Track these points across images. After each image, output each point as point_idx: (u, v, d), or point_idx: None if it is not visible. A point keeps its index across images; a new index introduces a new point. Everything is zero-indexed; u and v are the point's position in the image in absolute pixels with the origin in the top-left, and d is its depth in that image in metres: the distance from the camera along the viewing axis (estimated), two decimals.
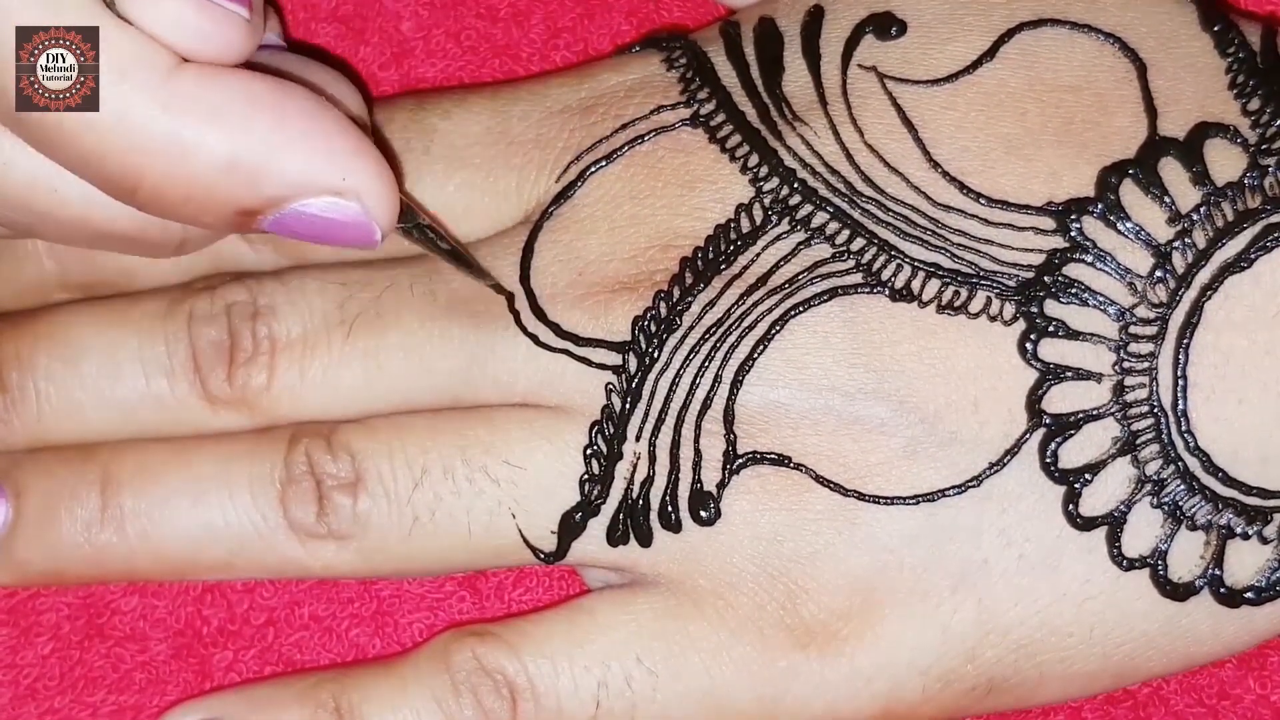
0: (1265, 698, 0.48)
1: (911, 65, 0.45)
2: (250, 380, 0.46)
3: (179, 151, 0.38)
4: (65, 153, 0.38)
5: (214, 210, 0.39)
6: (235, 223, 0.40)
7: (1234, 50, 0.44)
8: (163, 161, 0.38)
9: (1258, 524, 0.43)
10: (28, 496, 0.47)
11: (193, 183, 0.38)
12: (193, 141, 0.38)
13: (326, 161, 0.39)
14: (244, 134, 0.38)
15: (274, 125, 0.39)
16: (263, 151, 0.38)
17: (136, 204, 0.39)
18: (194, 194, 0.38)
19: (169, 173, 0.38)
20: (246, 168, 0.38)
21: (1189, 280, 0.43)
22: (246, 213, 0.39)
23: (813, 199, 0.44)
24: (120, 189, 0.39)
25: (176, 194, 0.39)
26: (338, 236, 0.40)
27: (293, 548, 0.46)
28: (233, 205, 0.39)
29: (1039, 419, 0.43)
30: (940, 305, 0.43)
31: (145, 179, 0.38)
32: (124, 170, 0.38)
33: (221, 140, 0.38)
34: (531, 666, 0.44)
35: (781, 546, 0.44)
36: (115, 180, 0.39)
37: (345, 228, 0.40)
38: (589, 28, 0.51)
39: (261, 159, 0.38)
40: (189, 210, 0.39)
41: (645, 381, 0.44)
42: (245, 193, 0.39)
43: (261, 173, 0.38)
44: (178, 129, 0.38)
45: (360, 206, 0.40)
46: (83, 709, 0.48)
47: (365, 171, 0.40)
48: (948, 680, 0.44)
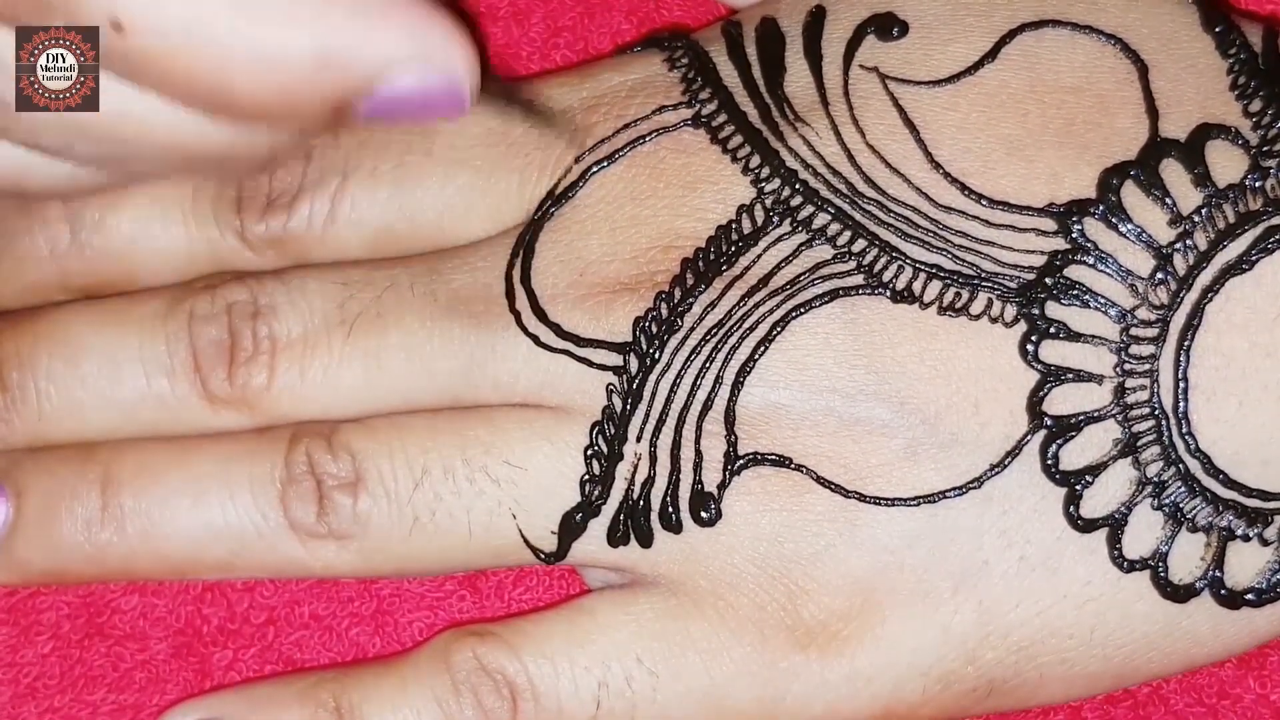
0: (1265, 697, 0.48)
1: (913, 66, 0.45)
2: (251, 380, 0.46)
3: (267, 57, 0.37)
4: (152, 80, 0.37)
5: (308, 109, 0.38)
6: (331, 118, 0.39)
7: (1235, 51, 0.44)
8: (254, 69, 0.37)
9: (1258, 526, 0.43)
10: (28, 496, 0.47)
11: (285, 85, 0.37)
12: (277, 44, 0.37)
13: (408, 33, 0.38)
14: (325, 25, 0.37)
15: (350, 10, 0.37)
16: (346, 38, 0.37)
17: (235, 117, 0.38)
18: (288, 95, 0.37)
19: (261, 80, 0.37)
20: (335, 58, 0.37)
21: (1190, 282, 0.43)
22: (340, 106, 0.38)
23: (814, 200, 0.44)
24: (215, 105, 0.38)
25: (271, 100, 0.37)
26: (433, 108, 0.39)
27: (293, 547, 0.46)
28: (328, 99, 0.38)
29: (1040, 420, 0.43)
30: (941, 307, 0.43)
31: (239, 89, 0.37)
32: (212, 87, 0.37)
33: (305, 36, 0.37)
34: (532, 666, 0.44)
35: (782, 547, 0.44)
36: (205, 99, 0.38)
37: (439, 96, 0.39)
38: (589, 27, 0.51)
39: (347, 45, 0.37)
40: (288, 114, 0.38)
41: (646, 382, 0.44)
42: (339, 83, 0.38)
43: (350, 59, 0.37)
44: (258, 33, 0.37)
45: (447, 72, 0.38)
46: (83, 708, 0.48)
47: (444, 35, 0.38)
48: (948, 681, 0.44)
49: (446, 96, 0.39)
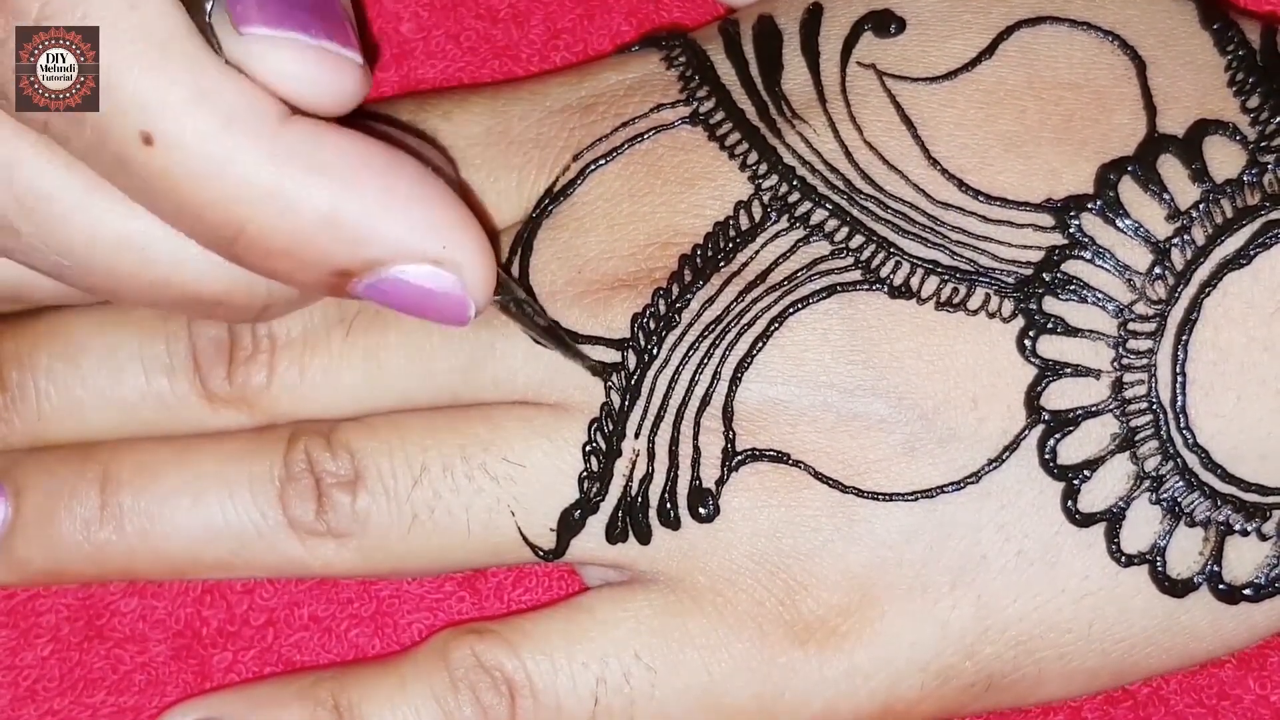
0: (1265, 698, 0.48)
1: (910, 63, 0.45)
2: (250, 379, 0.46)
3: (283, 203, 0.38)
4: (167, 201, 0.38)
5: (311, 266, 0.39)
6: (330, 283, 0.39)
7: (1233, 48, 0.45)
8: (266, 212, 0.38)
9: (1256, 520, 0.43)
10: (28, 495, 0.47)
11: (294, 235, 0.38)
12: (297, 194, 0.38)
13: (430, 229, 0.39)
14: (350, 192, 0.38)
15: (381, 187, 0.38)
16: (367, 212, 0.38)
17: (234, 255, 0.39)
18: (294, 247, 0.38)
19: (271, 224, 0.38)
20: (349, 226, 0.38)
21: (1188, 277, 0.43)
22: (343, 273, 0.39)
23: (812, 196, 0.44)
24: (220, 239, 0.39)
25: (276, 245, 0.38)
26: (431, 309, 0.40)
27: (292, 546, 0.46)
28: (331, 263, 0.39)
29: (1038, 415, 0.43)
30: (939, 302, 0.43)
31: (247, 228, 0.38)
32: (226, 219, 0.38)
33: (326, 196, 0.38)
34: (530, 664, 0.44)
35: (780, 543, 0.44)
36: (216, 229, 0.38)
37: (440, 299, 0.40)
38: (589, 28, 0.51)
39: (365, 219, 0.38)
40: (286, 265, 0.39)
41: (644, 379, 0.44)
42: (345, 251, 0.39)
43: (363, 232, 0.38)
44: (283, 180, 0.38)
45: (458, 279, 0.40)
46: (82, 710, 0.48)
47: (467, 244, 0.39)
48: (946, 677, 0.44)
49: (449, 303, 0.40)
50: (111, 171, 0.38)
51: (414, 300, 0.40)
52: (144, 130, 0.37)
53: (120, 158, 0.38)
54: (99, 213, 0.40)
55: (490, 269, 0.40)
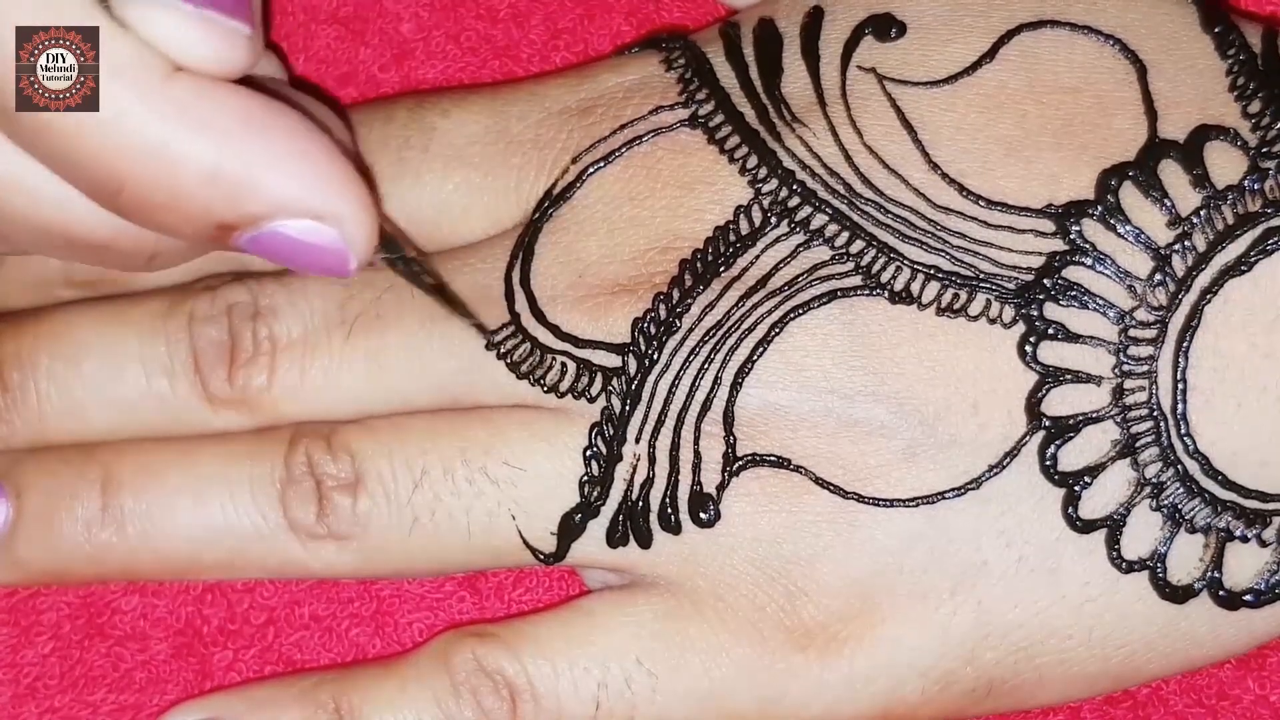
0: (1264, 698, 0.48)
1: (911, 67, 0.45)
2: (251, 380, 0.46)
3: (165, 157, 0.37)
4: (52, 150, 0.38)
5: (193, 220, 0.39)
6: (213, 236, 0.39)
7: (1235, 52, 0.44)
8: (148, 166, 0.37)
9: (1257, 527, 0.43)
10: (28, 496, 0.47)
11: (175, 190, 0.38)
12: (180, 149, 0.37)
13: (310, 185, 0.39)
14: (231, 147, 0.38)
15: (261, 143, 0.38)
16: (247, 167, 0.38)
17: (116, 207, 0.39)
18: (175, 201, 0.38)
19: (153, 177, 0.38)
20: (229, 181, 0.38)
21: (1189, 283, 0.43)
22: (225, 227, 0.39)
23: (812, 201, 0.44)
24: (103, 190, 0.38)
25: (158, 200, 0.38)
26: (313, 261, 0.40)
27: (293, 548, 0.46)
28: (212, 217, 0.39)
29: (1038, 421, 0.43)
30: (940, 308, 0.43)
31: (129, 182, 0.38)
32: (109, 171, 0.38)
33: (208, 150, 0.38)
34: (531, 667, 0.45)
35: (781, 548, 0.44)
36: (99, 181, 0.38)
37: (321, 252, 0.40)
38: (589, 29, 0.51)
39: (245, 174, 0.38)
40: (169, 218, 0.39)
41: (645, 383, 0.44)
42: (225, 206, 0.38)
43: (243, 188, 0.38)
44: (167, 134, 0.37)
45: (338, 233, 0.39)
46: (83, 708, 0.48)
47: (347, 199, 0.39)
48: (947, 682, 0.44)
49: (330, 256, 0.39)
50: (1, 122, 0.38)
51: (295, 253, 0.40)
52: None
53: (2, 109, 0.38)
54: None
55: (371, 224, 0.40)
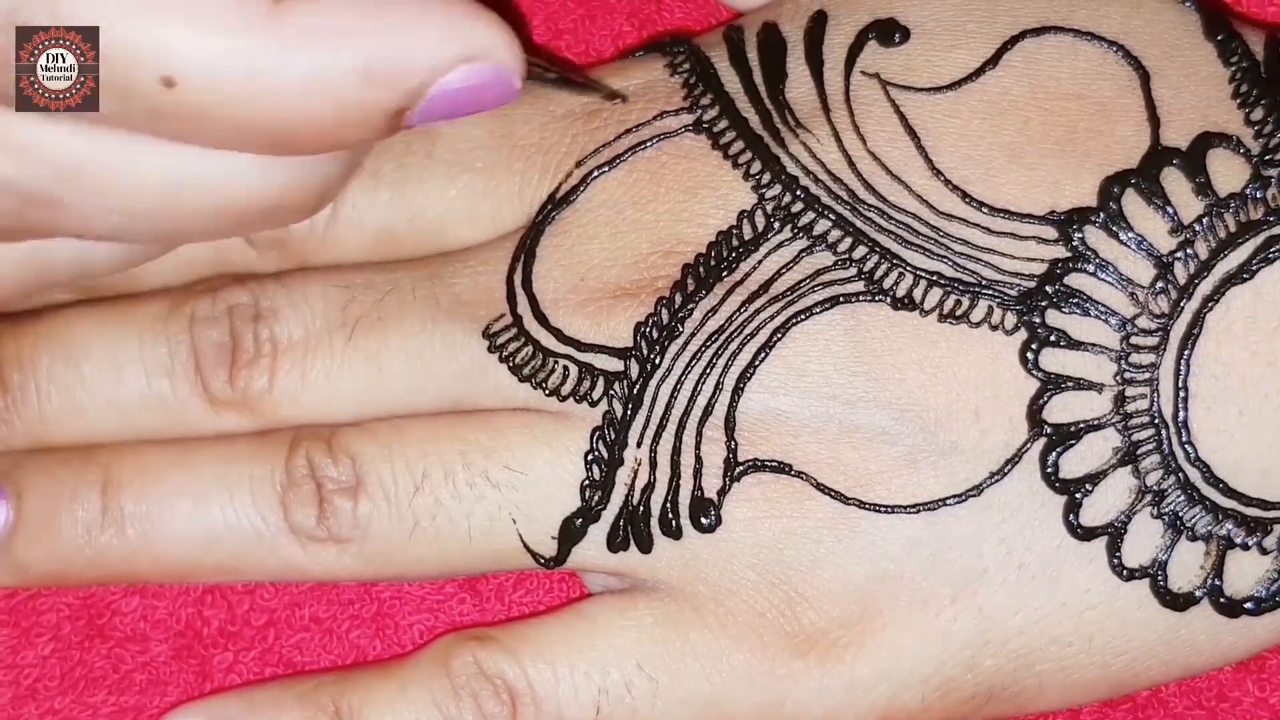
0: (1264, 700, 0.48)
1: (915, 72, 0.45)
2: (252, 382, 0.46)
3: (318, 85, 0.37)
4: (211, 131, 0.38)
5: (367, 123, 0.39)
6: (388, 128, 0.39)
7: (1237, 59, 0.44)
8: (307, 101, 0.37)
9: (1258, 535, 0.43)
10: (28, 497, 0.47)
11: (340, 107, 0.38)
12: (326, 70, 0.37)
13: (450, 33, 0.38)
14: (367, 41, 0.38)
15: (389, 20, 0.38)
16: (391, 49, 0.38)
17: (293, 150, 0.39)
18: (344, 116, 0.38)
19: (316, 108, 0.38)
20: (383, 71, 0.38)
21: (1191, 291, 0.43)
22: (395, 114, 0.39)
23: (815, 206, 0.44)
24: (273, 141, 0.38)
25: (329, 124, 0.38)
26: (483, 101, 0.39)
27: (293, 551, 0.46)
28: (382, 112, 0.38)
29: (1040, 429, 0.43)
30: (942, 314, 0.43)
31: (297, 123, 0.38)
32: (274, 124, 0.38)
33: (350, 55, 0.37)
34: (532, 671, 0.45)
35: (782, 554, 0.44)
36: (267, 137, 0.38)
37: (487, 89, 0.39)
38: (591, 29, 0.51)
39: (393, 57, 0.38)
40: (343, 134, 0.39)
41: (647, 388, 0.44)
42: (389, 95, 0.38)
43: (397, 70, 0.38)
44: (308, 65, 0.37)
45: (494, 64, 0.39)
46: (83, 710, 0.48)
47: (487, 28, 0.39)
48: (947, 689, 0.44)
49: (496, 87, 0.39)
50: (146, 123, 0.38)
51: (466, 101, 0.39)
52: (162, 75, 0.37)
53: (150, 110, 0.37)
54: (142, 160, 0.39)
55: (513, 38, 0.40)
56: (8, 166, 0.38)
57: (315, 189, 0.42)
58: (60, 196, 0.39)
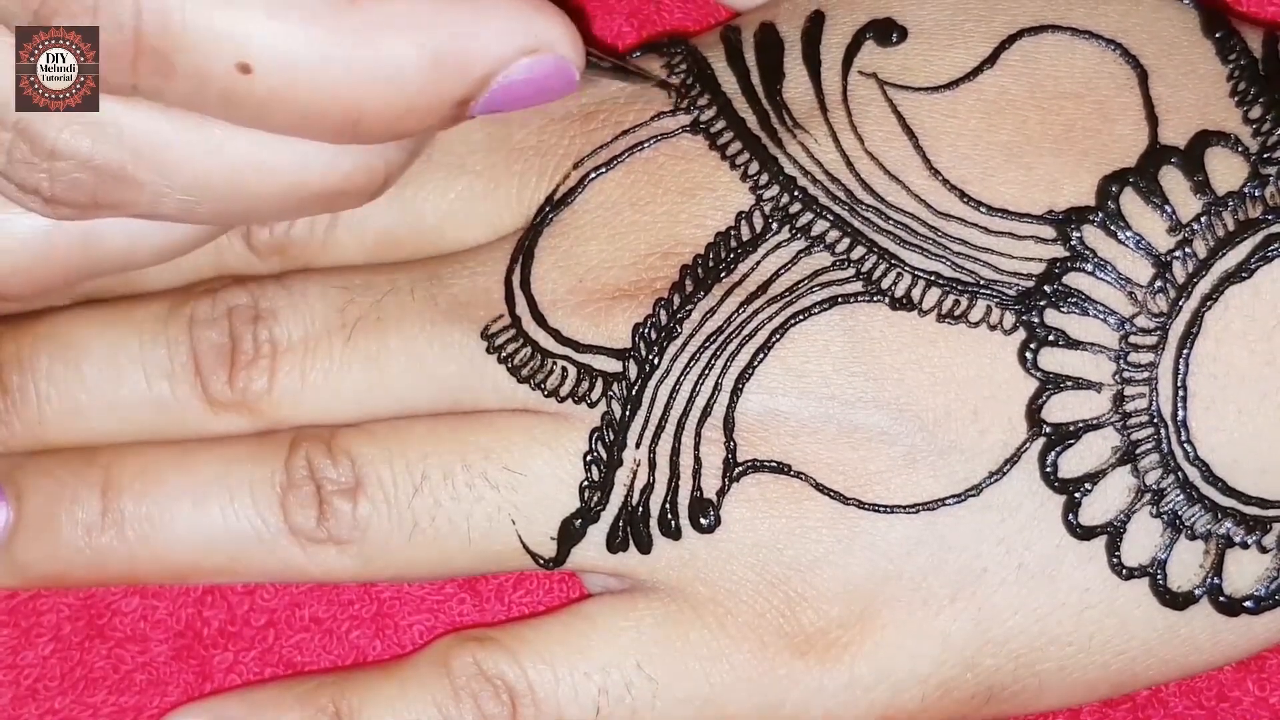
0: (1264, 700, 0.48)
1: (912, 72, 0.45)
2: (251, 383, 0.46)
3: (386, 73, 0.38)
4: (283, 118, 0.39)
5: (433, 111, 0.39)
6: (453, 116, 0.40)
7: (1235, 57, 0.44)
8: (374, 88, 0.38)
9: (1257, 533, 0.43)
10: (29, 499, 0.47)
11: (407, 94, 0.38)
12: (394, 58, 0.38)
13: (515, 24, 0.39)
14: (434, 29, 0.38)
15: (459, 12, 0.39)
16: (457, 38, 0.38)
17: (358, 138, 0.40)
18: (411, 103, 0.39)
19: (383, 96, 0.38)
20: (449, 60, 0.38)
21: (1189, 290, 0.43)
22: (461, 103, 0.39)
23: (813, 207, 0.44)
24: (343, 129, 0.39)
25: (396, 111, 0.39)
26: (545, 92, 0.40)
27: (293, 552, 0.46)
28: (447, 100, 0.39)
29: (1039, 428, 0.43)
30: (940, 314, 0.43)
31: (365, 110, 0.38)
32: (344, 111, 0.38)
33: (417, 44, 0.38)
34: (532, 672, 0.45)
35: (781, 554, 0.44)
36: (337, 124, 0.39)
37: (548, 80, 0.40)
38: (590, 30, 0.51)
39: (459, 46, 0.39)
40: (410, 122, 0.39)
41: (645, 389, 0.44)
42: (456, 83, 0.39)
43: (463, 58, 0.39)
44: (377, 53, 0.38)
45: (555, 55, 0.40)
46: (83, 710, 0.48)
47: (549, 20, 0.40)
48: (947, 689, 0.44)
49: (557, 78, 0.40)
50: (219, 109, 0.39)
51: (528, 93, 0.40)
52: (240, 62, 0.37)
53: (224, 95, 0.38)
54: (215, 143, 0.40)
55: (574, 31, 0.41)
56: (84, 143, 0.39)
57: (380, 174, 0.42)
58: (133, 174, 0.39)
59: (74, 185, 0.40)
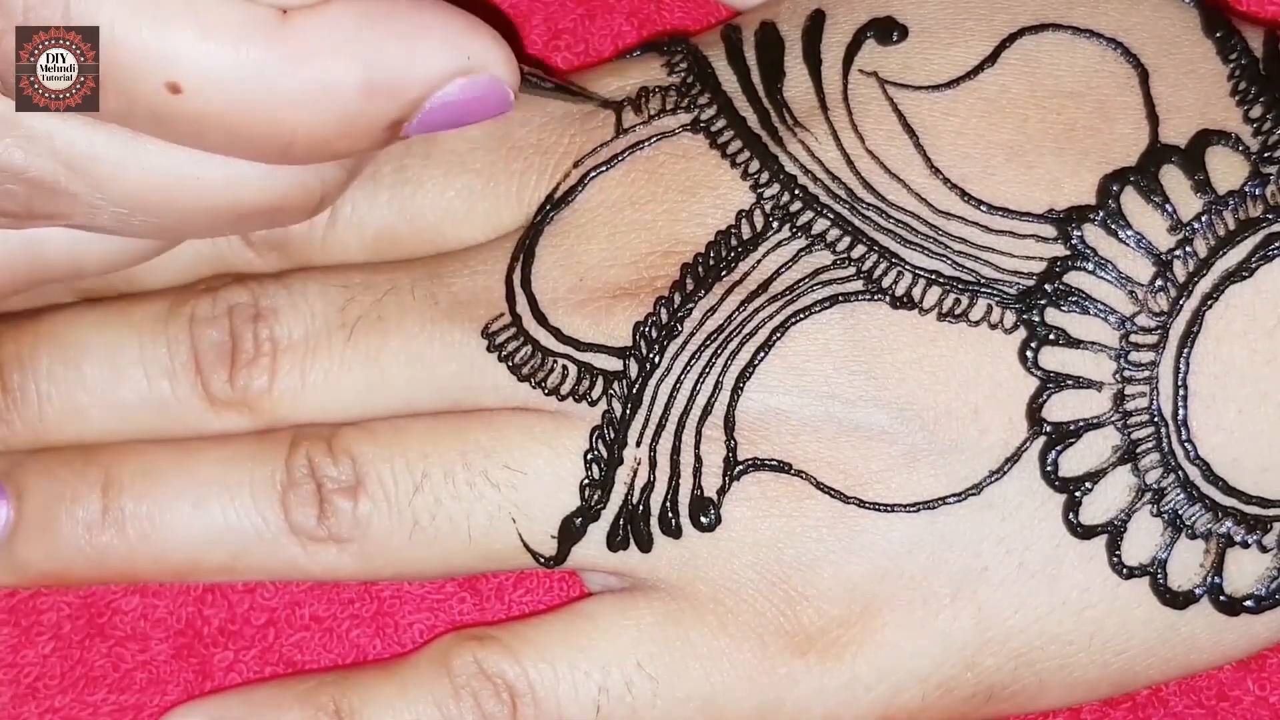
0: (1264, 699, 0.48)
1: (913, 71, 0.45)
2: (252, 382, 0.46)
3: (321, 95, 0.38)
4: (213, 138, 0.39)
5: (366, 134, 0.40)
6: (385, 138, 0.40)
7: (1236, 56, 0.44)
8: (309, 110, 0.38)
9: (1257, 532, 0.43)
10: (29, 498, 0.47)
11: (341, 117, 0.39)
12: (329, 80, 0.38)
13: (449, 46, 0.40)
14: (370, 52, 0.38)
15: (392, 32, 0.39)
16: (392, 61, 0.39)
17: (292, 159, 0.40)
18: (345, 126, 0.39)
19: (318, 118, 0.38)
20: (383, 83, 0.39)
21: (1190, 289, 0.42)
22: (394, 125, 0.40)
23: (813, 205, 0.44)
24: (274, 150, 0.39)
25: (329, 133, 0.39)
26: (478, 112, 0.41)
27: (294, 551, 0.46)
28: (381, 122, 0.39)
29: (1039, 427, 0.43)
30: (941, 313, 0.43)
31: (298, 132, 0.39)
32: (275, 133, 0.38)
33: (353, 67, 0.38)
34: (532, 671, 0.45)
35: (781, 553, 0.44)
36: (270, 146, 0.39)
37: (483, 100, 0.40)
38: (590, 29, 0.51)
39: (394, 69, 0.39)
40: (343, 144, 0.40)
41: (646, 387, 0.44)
42: (389, 106, 0.39)
43: (398, 82, 0.39)
44: (312, 75, 0.38)
45: (490, 76, 0.40)
46: (83, 708, 0.48)
47: (482, 41, 0.40)
48: (947, 688, 0.44)
49: (491, 99, 0.40)
50: (149, 126, 0.39)
51: (461, 113, 0.40)
52: (169, 81, 0.37)
53: (154, 114, 0.38)
54: (147, 158, 0.40)
55: (508, 51, 0.41)
56: (17, 155, 0.39)
57: (316, 193, 0.42)
58: (66, 187, 0.40)
59: (8, 196, 0.40)
